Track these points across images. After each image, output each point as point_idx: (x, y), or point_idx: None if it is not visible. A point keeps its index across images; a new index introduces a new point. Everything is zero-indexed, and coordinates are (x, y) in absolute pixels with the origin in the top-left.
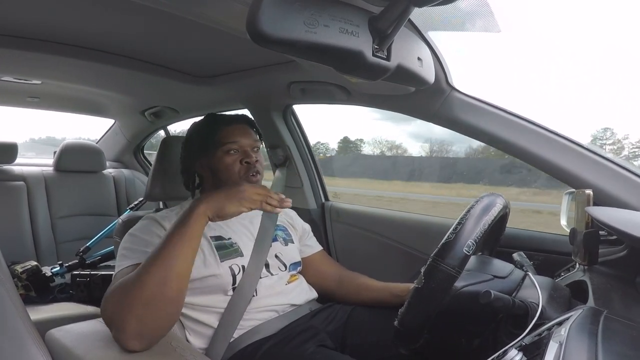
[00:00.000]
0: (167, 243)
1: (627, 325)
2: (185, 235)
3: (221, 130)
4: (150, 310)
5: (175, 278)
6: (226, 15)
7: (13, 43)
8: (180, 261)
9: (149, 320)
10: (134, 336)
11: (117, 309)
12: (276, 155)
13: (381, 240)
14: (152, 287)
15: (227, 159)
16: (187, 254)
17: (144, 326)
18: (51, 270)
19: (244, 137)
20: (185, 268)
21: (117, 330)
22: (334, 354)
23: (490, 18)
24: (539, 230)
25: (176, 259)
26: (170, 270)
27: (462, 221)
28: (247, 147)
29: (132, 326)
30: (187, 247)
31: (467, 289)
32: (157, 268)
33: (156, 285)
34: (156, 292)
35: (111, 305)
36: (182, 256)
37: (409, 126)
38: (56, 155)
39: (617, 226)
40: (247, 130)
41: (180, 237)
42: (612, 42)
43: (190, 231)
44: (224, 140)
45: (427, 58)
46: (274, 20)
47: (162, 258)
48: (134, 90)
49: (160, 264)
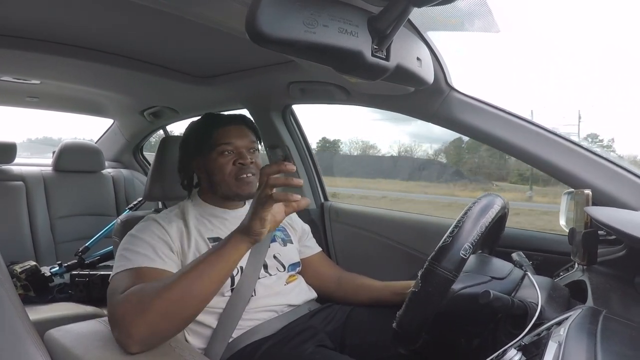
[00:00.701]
0: (205, 267)
1: (626, 325)
2: (224, 268)
3: (217, 131)
4: (164, 322)
5: (200, 299)
6: (225, 15)
7: (12, 43)
8: (211, 284)
9: (160, 331)
10: (139, 341)
11: (130, 313)
12: (275, 156)
13: (381, 240)
14: (175, 302)
15: (221, 160)
16: (219, 284)
17: (153, 335)
18: (50, 270)
19: (240, 139)
20: (213, 292)
21: (123, 333)
22: (333, 354)
23: (490, 18)
24: (536, 230)
25: (208, 283)
26: (198, 291)
27: (460, 224)
28: (243, 148)
29: (141, 333)
30: (222, 278)
31: (465, 292)
32: (187, 286)
33: (179, 302)
34: (177, 308)
35: (124, 308)
36: (215, 280)
37: (409, 126)
38: (55, 155)
39: (616, 226)
40: (244, 131)
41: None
42: (611, 42)
43: (229, 265)
44: (219, 141)
45: (427, 58)
46: (273, 20)
47: (195, 277)
48: (133, 90)
49: (192, 283)
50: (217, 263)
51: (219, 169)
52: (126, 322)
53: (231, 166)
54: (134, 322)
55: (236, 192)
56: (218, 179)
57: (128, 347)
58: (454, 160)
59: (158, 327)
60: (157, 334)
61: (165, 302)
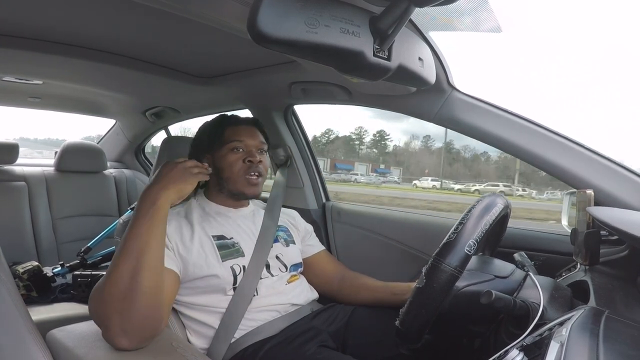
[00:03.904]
0: (134, 235)
1: (628, 325)
2: (152, 228)
3: (229, 129)
4: (127, 304)
5: (147, 269)
6: (227, 15)
7: (14, 43)
8: (150, 252)
9: (129, 315)
10: (118, 332)
11: (98, 307)
12: (277, 155)
13: (382, 240)
14: (125, 280)
15: (231, 156)
16: (157, 244)
17: (126, 321)
18: (52, 271)
19: (251, 138)
20: (157, 258)
21: (103, 327)
22: (336, 355)
23: (492, 18)
24: (538, 230)
25: (146, 250)
26: (141, 261)
27: (464, 221)
28: (253, 147)
29: (114, 322)
30: (155, 239)
31: (468, 289)
32: (128, 260)
33: (128, 278)
34: (130, 285)
35: (93, 304)
36: (152, 246)
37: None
38: (57, 156)
39: (618, 226)
40: (255, 131)
41: (147, 229)
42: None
43: (157, 223)
44: (231, 138)
45: (428, 58)
46: (275, 20)
47: (131, 250)
48: (135, 91)
49: (130, 256)
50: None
51: (229, 166)
52: (99, 315)
53: (241, 163)
54: (104, 313)
55: (242, 191)
56: (226, 175)
57: (112, 341)
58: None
59: (125, 311)
60: (129, 318)
61: (119, 282)
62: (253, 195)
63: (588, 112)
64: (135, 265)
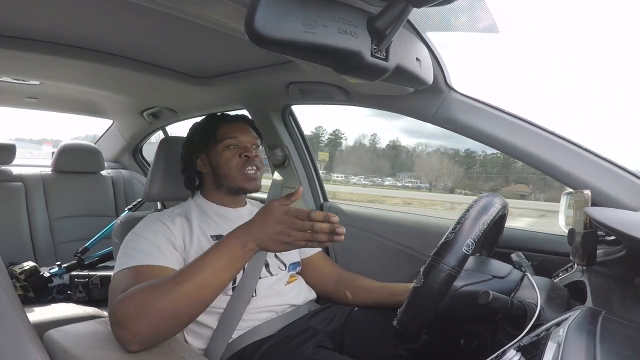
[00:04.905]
0: (209, 267)
1: (625, 326)
2: (231, 267)
3: (222, 127)
4: (168, 323)
5: (205, 302)
6: (225, 15)
7: (12, 43)
8: (216, 288)
9: (163, 331)
10: (141, 340)
11: (134, 312)
12: (275, 156)
13: (380, 240)
14: (181, 304)
15: (227, 153)
16: (224, 283)
17: (155, 334)
18: (49, 271)
19: (244, 134)
20: (217, 294)
21: (126, 332)
22: (333, 355)
23: (489, 18)
24: (535, 230)
25: (214, 286)
26: (204, 294)
27: (462, 221)
28: (247, 143)
29: (144, 332)
30: (228, 278)
31: (466, 289)
32: (193, 288)
33: (185, 305)
34: (183, 310)
35: (126, 307)
36: (220, 284)
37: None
38: (54, 156)
39: (615, 227)
40: (247, 128)
41: (226, 267)
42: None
43: (237, 265)
44: (225, 136)
45: (426, 59)
46: (272, 21)
47: (201, 281)
48: (132, 91)
49: (198, 286)
50: (230, 271)
51: (225, 162)
52: (129, 321)
53: (237, 159)
54: (137, 322)
55: (242, 186)
56: (224, 172)
57: (129, 345)
58: None
59: (161, 327)
60: (160, 333)
61: (174, 303)
62: (253, 190)
63: (587, 112)
64: (198, 296)
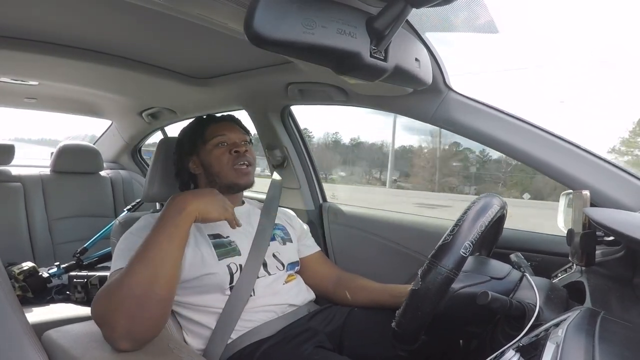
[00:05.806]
0: (155, 242)
1: (624, 326)
2: (174, 235)
3: (209, 127)
4: (141, 310)
5: (165, 278)
6: (224, 16)
7: (10, 44)
8: (169, 261)
9: (140, 320)
10: (124, 336)
11: (107, 309)
12: (274, 156)
13: (379, 241)
14: (143, 286)
15: (217, 151)
16: (177, 254)
17: (134, 326)
18: (48, 272)
19: (232, 132)
20: (176, 268)
21: (107, 329)
22: (332, 355)
23: (488, 18)
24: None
25: (166, 259)
26: (160, 270)
27: (459, 223)
28: (236, 139)
29: (122, 325)
30: (177, 247)
31: (464, 290)
32: (145, 267)
33: (146, 285)
34: (147, 291)
35: (102, 305)
36: (172, 256)
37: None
38: (53, 157)
39: (614, 227)
40: (234, 126)
41: (169, 237)
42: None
43: (180, 231)
44: (213, 134)
45: (425, 59)
46: (272, 22)
47: (151, 258)
48: (131, 92)
49: (150, 264)
50: (176, 239)
51: (216, 160)
52: (106, 317)
53: (227, 155)
54: (113, 316)
55: (235, 182)
56: (216, 169)
57: (115, 342)
58: None
59: (137, 317)
60: (140, 324)
61: (136, 287)
62: (246, 185)
63: (588, 112)
64: (154, 273)
